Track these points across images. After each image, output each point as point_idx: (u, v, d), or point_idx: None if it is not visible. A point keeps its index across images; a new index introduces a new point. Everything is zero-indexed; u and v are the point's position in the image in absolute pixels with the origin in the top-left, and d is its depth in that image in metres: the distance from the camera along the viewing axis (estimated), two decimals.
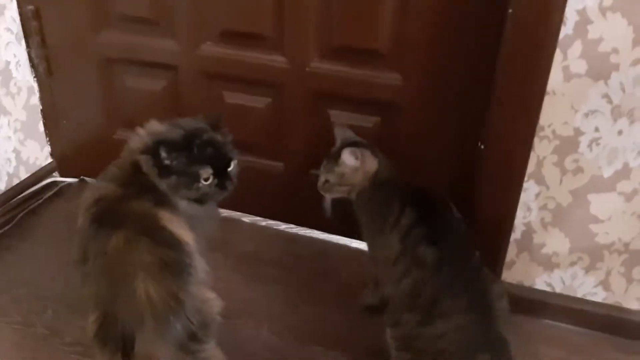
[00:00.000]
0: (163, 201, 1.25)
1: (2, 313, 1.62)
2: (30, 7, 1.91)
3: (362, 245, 1.89)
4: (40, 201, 2.11)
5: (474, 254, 1.34)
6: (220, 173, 1.32)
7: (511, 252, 1.63)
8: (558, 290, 1.65)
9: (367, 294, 1.61)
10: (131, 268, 1.12)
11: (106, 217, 1.20)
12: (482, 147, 1.54)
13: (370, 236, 1.48)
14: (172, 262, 1.14)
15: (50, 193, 2.16)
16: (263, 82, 1.78)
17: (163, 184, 1.27)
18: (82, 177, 2.24)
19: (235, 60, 1.77)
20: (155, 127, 1.34)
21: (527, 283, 1.67)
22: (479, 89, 1.52)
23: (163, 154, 1.25)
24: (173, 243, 1.18)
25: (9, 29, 1.91)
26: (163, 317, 1.10)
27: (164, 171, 1.27)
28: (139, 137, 1.32)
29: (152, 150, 1.26)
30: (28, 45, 1.98)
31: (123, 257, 1.14)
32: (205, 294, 1.20)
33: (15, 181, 2.04)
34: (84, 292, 1.19)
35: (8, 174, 2.00)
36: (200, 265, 1.21)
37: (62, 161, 2.21)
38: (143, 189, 1.25)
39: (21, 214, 2.02)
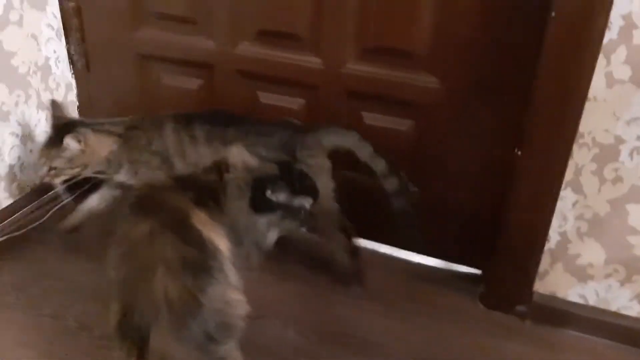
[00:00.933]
0: (206, 203, 1.24)
1: (33, 305, 1.64)
2: (72, 3, 1.94)
3: (391, 250, 1.89)
4: (73, 196, 2.13)
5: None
6: None
7: (545, 262, 1.60)
8: (592, 302, 1.61)
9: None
10: (152, 261, 1.11)
11: (142, 202, 1.21)
12: (519, 153, 1.51)
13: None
14: (193, 260, 1.13)
15: (83, 189, 2.18)
16: (298, 82, 1.78)
17: (262, 220, 1.32)
18: None
19: (271, 61, 1.77)
20: (246, 157, 1.36)
21: (560, 294, 1.63)
22: (517, 94, 1.50)
23: (269, 192, 1.30)
24: (198, 243, 1.16)
25: (49, 25, 1.94)
26: (180, 315, 1.09)
27: (266, 206, 1.31)
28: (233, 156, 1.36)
29: (255, 187, 1.30)
30: (68, 42, 2.01)
31: (145, 248, 1.14)
32: (230, 295, 1.18)
33: None
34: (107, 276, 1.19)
35: None
36: (230, 273, 1.19)
37: None
38: (192, 185, 1.26)
39: (54, 209, 2.04)
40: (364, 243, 1.90)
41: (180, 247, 1.13)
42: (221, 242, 1.20)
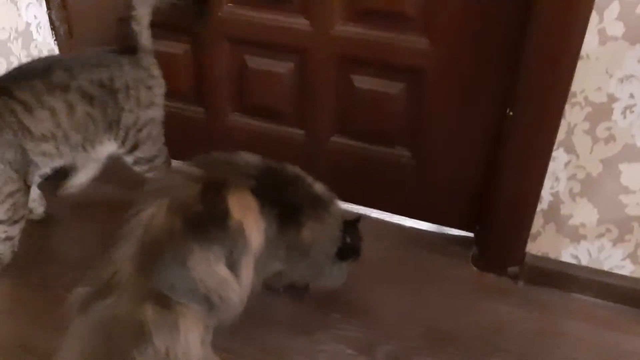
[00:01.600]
0: (266, 200, 1.23)
1: (21, 276, 1.63)
2: None
3: (383, 215, 1.88)
4: None
5: None
6: None
7: (537, 223, 1.59)
8: (584, 262, 1.60)
9: None
10: (165, 191, 1.18)
11: (209, 158, 1.28)
12: (511, 113, 1.49)
13: None
14: (197, 217, 1.14)
15: None
16: (286, 46, 1.73)
17: (344, 265, 1.46)
18: None
19: (257, 24, 1.73)
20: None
21: (552, 255, 1.63)
22: (509, 54, 1.47)
23: (348, 239, 1.43)
24: (216, 212, 1.16)
25: None
26: (149, 244, 1.12)
27: (351, 253, 1.45)
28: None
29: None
30: (49, 7, 1.95)
31: (172, 182, 1.23)
32: (218, 271, 1.15)
33: None
34: None
35: None
36: (241, 259, 1.18)
37: None
38: (269, 183, 1.27)
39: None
40: (355, 208, 1.90)
41: (197, 200, 1.15)
42: (253, 233, 1.19)
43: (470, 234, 1.81)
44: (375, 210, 1.91)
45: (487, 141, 1.62)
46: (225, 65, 1.84)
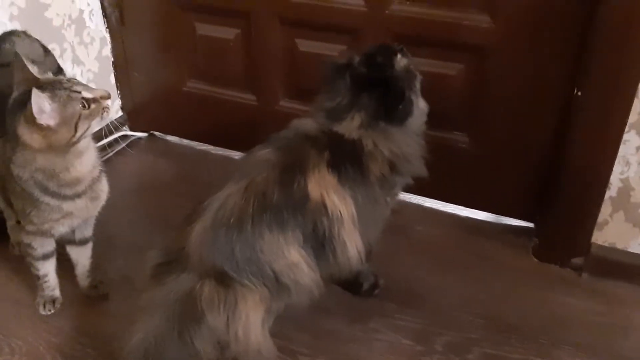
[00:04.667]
0: (342, 167, 1.20)
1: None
2: None
3: (436, 204, 1.82)
4: (110, 154, 2.10)
5: None
6: None
7: (605, 211, 1.52)
8: None
9: None
10: (249, 172, 1.17)
11: (283, 139, 1.26)
12: (579, 94, 1.42)
13: None
14: (271, 204, 1.13)
15: (120, 147, 2.15)
16: (338, 27, 1.70)
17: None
18: (151, 131, 2.23)
19: (310, 4, 1.69)
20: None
21: (620, 245, 1.55)
22: (576, 30, 1.40)
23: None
24: (298, 201, 1.15)
25: None
26: (218, 224, 1.11)
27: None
28: None
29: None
30: None
31: (254, 168, 1.18)
32: (293, 256, 1.15)
33: None
34: None
35: None
36: (342, 235, 1.18)
37: (132, 115, 2.20)
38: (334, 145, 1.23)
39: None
40: (408, 197, 1.84)
41: (274, 187, 1.14)
42: (339, 206, 1.18)
43: (530, 224, 1.74)
44: (428, 199, 1.86)
45: (551, 124, 1.55)
46: (276, 49, 1.81)
